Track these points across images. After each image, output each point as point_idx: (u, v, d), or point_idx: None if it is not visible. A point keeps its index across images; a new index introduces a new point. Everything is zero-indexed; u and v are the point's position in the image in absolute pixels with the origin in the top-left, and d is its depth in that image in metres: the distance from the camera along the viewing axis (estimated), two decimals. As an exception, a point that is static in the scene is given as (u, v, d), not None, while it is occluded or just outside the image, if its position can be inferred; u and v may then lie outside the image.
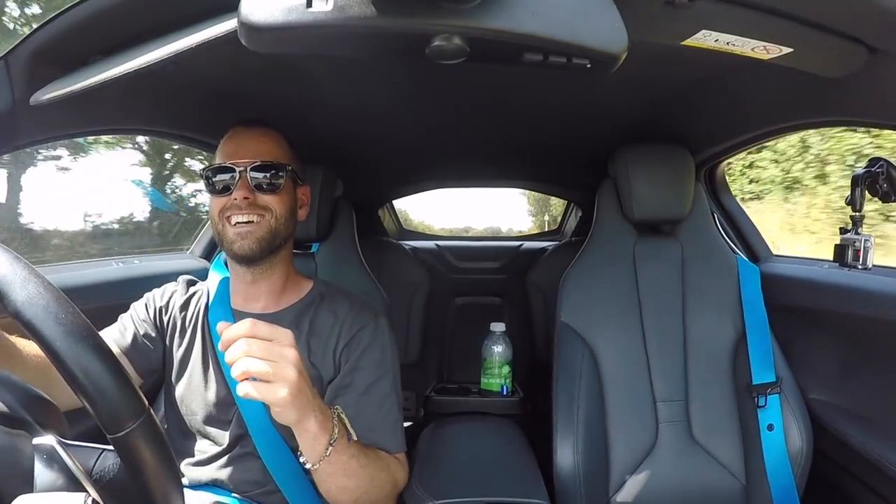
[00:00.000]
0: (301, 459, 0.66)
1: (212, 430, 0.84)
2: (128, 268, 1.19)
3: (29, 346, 0.69)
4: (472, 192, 2.52)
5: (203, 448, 0.85)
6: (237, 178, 0.81)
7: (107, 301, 1.03)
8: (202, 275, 1.00)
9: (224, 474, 0.82)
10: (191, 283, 0.95)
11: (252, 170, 0.81)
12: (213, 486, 0.83)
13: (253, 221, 0.81)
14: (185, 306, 0.91)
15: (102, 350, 0.38)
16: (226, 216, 0.82)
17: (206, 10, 0.54)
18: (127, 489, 0.40)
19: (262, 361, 0.56)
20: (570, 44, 0.44)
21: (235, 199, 0.80)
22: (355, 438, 0.69)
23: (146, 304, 0.91)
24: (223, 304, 0.89)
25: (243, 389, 0.56)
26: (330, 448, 0.64)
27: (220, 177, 0.82)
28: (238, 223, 0.81)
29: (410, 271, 1.88)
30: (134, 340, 0.86)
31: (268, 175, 0.82)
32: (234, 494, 0.81)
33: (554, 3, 0.44)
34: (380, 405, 0.82)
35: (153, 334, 0.88)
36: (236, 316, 0.87)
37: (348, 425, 0.69)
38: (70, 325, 0.37)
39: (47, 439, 0.41)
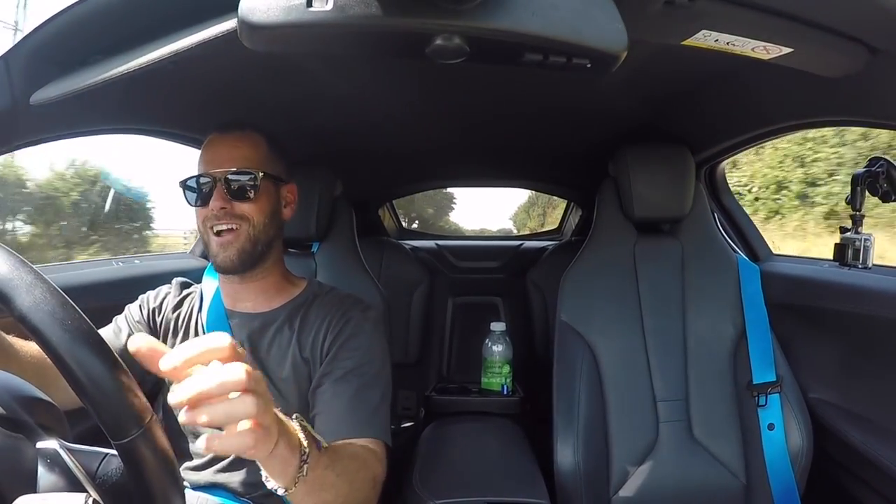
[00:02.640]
0: (270, 486, 0.55)
1: (206, 431, 0.84)
2: (128, 268, 1.19)
3: (26, 346, 0.68)
4: (487, 194, 2.58)
5: (198, 449, 0.84)
6: (213, 187, 0.81)
7: (107, 301, 1.03)
8: (201, 274, 1.00)
9: (222, 477, 0.81)
10: (185, 285, 0.96)
11: (227, 178, 0.81)
12: (212, 488, 0.82)
13: (233, 229, 0.82)
14: (178, 307, 0.91)
15: (108, 357, 0.38)
16: (208, 226, 0.83)
17: (206, 9, 0.54)
18: (130, 493, 0.40)
19: (211, 407, 0.42)
20: (570, 43, 0.44)
21: (213, 209, 0.81)
22: (325, 445, 0.61)
23: (140, 306, 0.91)
24: (216, 304, 0.89)
25: (203, 444, 0.44)
26: (304, 465, 0.54)
27: (196, 186, 0.83)
28: (220, 231, 0.82)
29: (410, 271, 1.88)
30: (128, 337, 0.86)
31: (242, 182, 0.82)
32: (234, 497, 0.81)
33: (554, 3, 0.44)
34: (357, 392, 0.79)
35: (145, 333, 0.88)
36: (229, 316, 0.87)
37: (312, 432, 0.59)
38: (76, 331, 0.37)
39: (50, 443, 0.41)
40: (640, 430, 1.08)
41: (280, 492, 0.55)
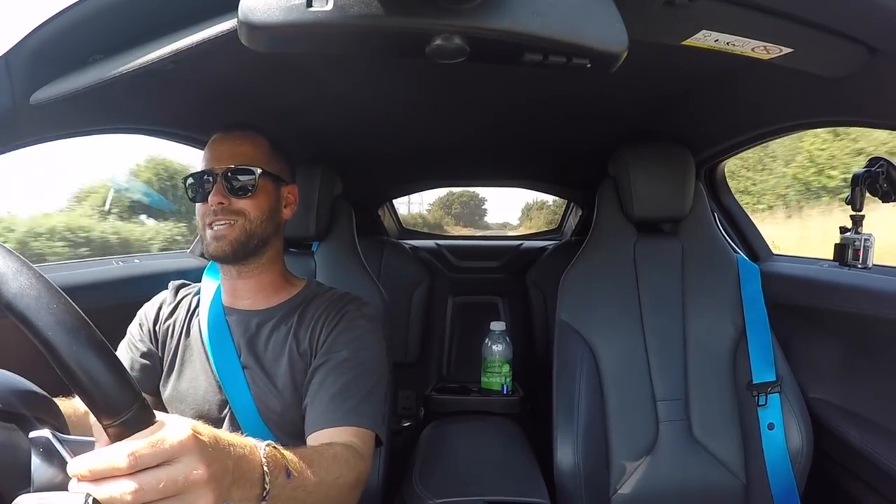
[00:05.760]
0: None
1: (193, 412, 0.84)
2: (128, 267, 1.19)
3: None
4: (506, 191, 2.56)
5: None
6: (213, 183, 0.83)
7: (107, 301, 1.03)
8: (201, 274, 1.00)
9: None
10: (181, 287, 0.96)
11: (227, 174, 0.83)
12: None
13: (229, 224, 0.83)
14: (174, 310, 0.92)
15: (95, 339, 0.38)
16: (206, 222, 0.84)
17: (206, 9, 0.54)
18: None
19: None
20: (570, 43, 0.44)
21: (211, 204, 0.82)
22: (295, 473, 0.57)
23: (140, 324, 0.92)
24: (215, 302, 0.89)
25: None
26: (266, 495, 0.51)
27: (197, 183, 0.84)
28: (216, 226, 0.83)
29: (410, 270, 1.88)
30: (132, 366, 0.87)
31: (241, 179, 0.83)
32: None
33: (554, 3, 0.44)
34: (348, 383, 0.79)
35: (147, 350, 0.89)
36: (227, 313, 0.88)
37: (286, 458, 0.56)
38: (62, 314, 0.37)
39: (43, 433, 0.41)
40: (639, 430, 1.09)
41: None
